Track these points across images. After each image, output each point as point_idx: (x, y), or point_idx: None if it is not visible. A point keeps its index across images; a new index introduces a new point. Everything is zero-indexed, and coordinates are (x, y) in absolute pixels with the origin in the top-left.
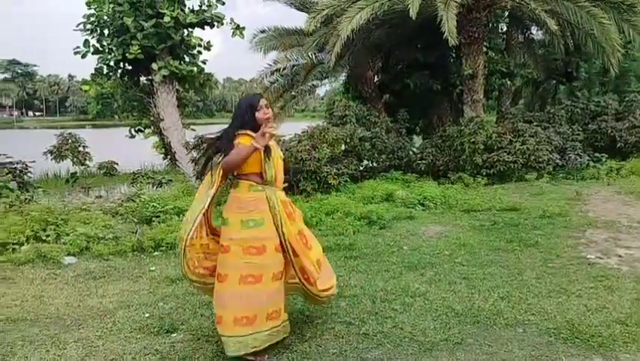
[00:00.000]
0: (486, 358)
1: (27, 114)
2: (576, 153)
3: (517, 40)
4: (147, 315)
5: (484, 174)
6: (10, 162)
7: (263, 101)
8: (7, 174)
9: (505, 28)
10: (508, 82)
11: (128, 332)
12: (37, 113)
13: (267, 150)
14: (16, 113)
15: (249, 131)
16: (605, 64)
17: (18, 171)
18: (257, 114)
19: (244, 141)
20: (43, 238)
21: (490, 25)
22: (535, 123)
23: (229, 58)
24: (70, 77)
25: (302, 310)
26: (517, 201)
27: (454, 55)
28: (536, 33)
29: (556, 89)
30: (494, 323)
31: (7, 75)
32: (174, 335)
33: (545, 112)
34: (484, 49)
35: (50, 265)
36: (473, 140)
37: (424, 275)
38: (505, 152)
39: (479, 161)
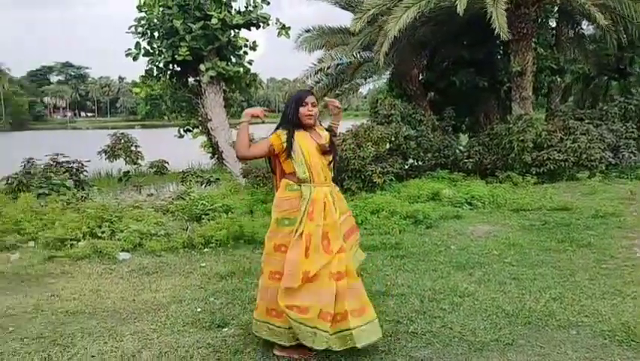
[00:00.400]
0: (538, 359)
1: (80, 115)
2: (630, 151)
3: (567, 36)
4: (199, 310)
5: (534, 172)
6: (67, 162)
7: (310, 98)
8: (64, 172)
9: (554, 24)
10: (558, 79)
11: (181, 325)
12: (89, 114)
13: (289, 147)
14: (69, 114)
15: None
16: None
17: (74, 170)
18: (300, 109)
19: (273, 140)
20: (99, 234)
21: (540, 20)
22: (586, 121)
23: (273, 58)
24: (121, 78)
25: None
26: (568, 201)
27: (501, 51)
28: (587, 28)
29: (608, 86)
30: (546, 325)
31: (61, 77)
32: (225, 329)
33: (597, 109)
34: (533, 45)
35: (106, 260)
36: (522, 138)
37: (473, 275)
38: (556, 150)
39: (528, 159)
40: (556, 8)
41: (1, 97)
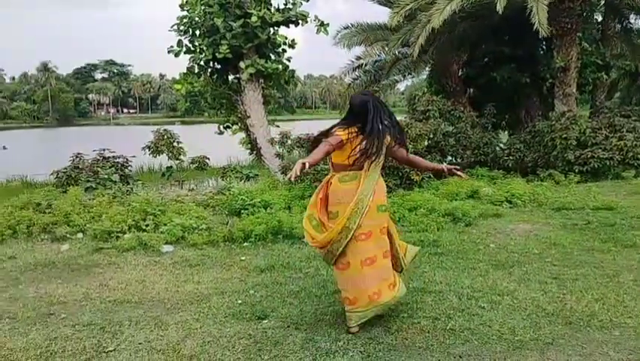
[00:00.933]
0: (579, 359)
1: (122, 111)
2: None
3: (613, 30)
4: (240, 302)
5: (577, 171)
6: (113, 157)
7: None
8: (110, 167)
9: (600, 18)
10: (604, 75)
11: (223, 316)
12: (131, 110)
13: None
14: (112, 110)
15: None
16: None
17: (120, 165)
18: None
19: (340, 133)
20: (143, 227)
21: (585, 14)
22: (633, 118)
23: (310, 54)
24: (161, 75)
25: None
26: (613, 200)
27: (544, 47)
28: (635, 22)
29: None
30: (588, 325)
31: (105, 75)
32: (265, 321)
33: None
34: (578, 40)
35: (150, 252)
36: (565, 135)
37: (512, 274)
38: (600, 148)
39: (571, 157)
40: (602, 2)
41: (49, 94)
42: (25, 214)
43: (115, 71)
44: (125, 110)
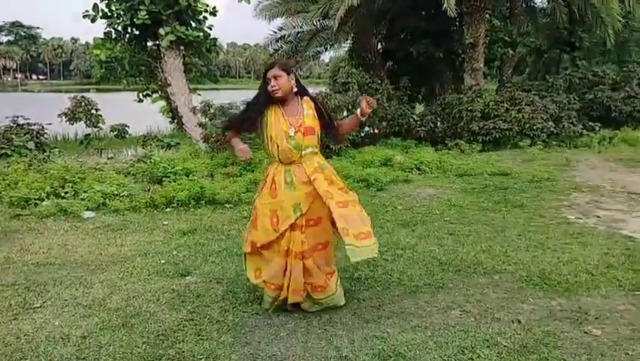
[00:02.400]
0: (463, 299)
1: (31, 77)
2: (570, 121)
3: (521, 9)
4: (163, 261)
5: (480, 141)
6: (28, 124)
7: (271, 72)
8: (25, 134)
9: None
10: (510, 51)
11: (147, 275)
12: (40, 77)
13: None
14: (20, 76)
15: None
16: (603, 34)
17: (35, 133)
18: (267, 87)
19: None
20: (62, 194)
21: None
22: (533, 92)
23: (234, 22)
24: (74, 40)
25: None
26: (508, 167)
27: (457, 23)
28: (540, 2)
29: (560, 59)
30: (474, 272)
31: (11, 38)
32: (188, 277)
33: (544, 82)
34: (488, 17)
35: (71, 218)
36: (471, 108)
37: (415, 231)
38: (501, 120)
39: (476, 128)
40: None
41: None
42: None
43: (22, 33)
44: (35, 77)
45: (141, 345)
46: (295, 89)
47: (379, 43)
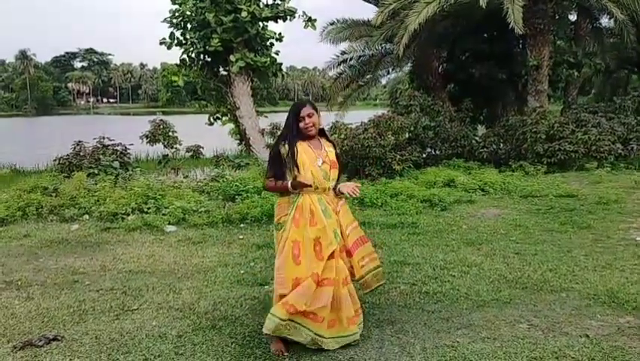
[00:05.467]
0: (530, 314)
1: (102, 101)
2: (639, 143)
3: (585, 30)
4: (242, 272)
5: (545, 162)
6: (113, 144)
7: (305, 110)
8: (111, 154)
9: (575, 18)
10: (575, 72)
11: (229, 283)
12: (111, 100)
13: (293, 160)
14: (92, 99)
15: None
16: None
17: (119, 152)
18: (300, 124)
19: (283, 151)
20: (145, 210)
21: (557, 15)
22: (600, 114)
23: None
24: (142, 65)
25: None
26: (574, 189)
27: (520, 45)
28: (608, 22)
29: (628, 79)
30: (541, 289)
31: (85, 64)
32: (266, 287)
33: (612, 103)
34: (553, 38)
35: (155, 231)
36: (535, 129)
37: (481, 250)
38: (567, 141)
39: (540, 150)
40: (575, 4)
41: (28, 82)
42: (34, 197)
43: (95, 59)
44: (105, 100)
45: (231, 345)
46: (320, 126)
47: (440, 66)
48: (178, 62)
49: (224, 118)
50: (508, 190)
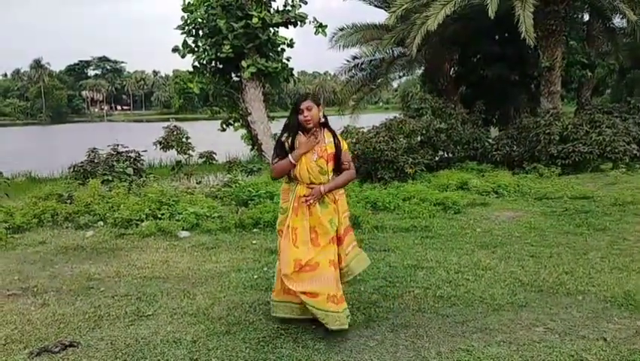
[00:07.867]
0: (546, 317)
1: (115, 108)
2: None
3: (598, 30)
4: (255, 277)
5: (559, 164)
6: (126, 151)
7: (304, 104)
8: (124, 161)
9: (587, 18)
10: (589, 73)
11: (242, 288)
12: (124, 107)
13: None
14: (106, 107)
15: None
16: None
17: (132, 159)
18: (299, 117)
19: (285, 142)
20: (159, 216)
21: (569, 17)
22: (615, 114)
23: (303, 51)
24: (155, 72)
25: (384, 276)
26: (589, 190)
27: (532, 46)
28: (620, 22)
29: None
30: (557, 292)
31: (98, 72)
32: None
33: (627, 103)
34: (565, 39)
35: (169, 237)
36: (548, 131)
37: (495, 253)
38: (581, 143)
39: (554, 151)
40: (587, 4)
41: (42, 91)
42: (49, 204)
43: (108, 67)
44: (119, 107)
45: (245, 350)
46: (322, 120)
47: (452, 69)
48: (191, 69)
49: (236, 124)
50: (523, 192)
